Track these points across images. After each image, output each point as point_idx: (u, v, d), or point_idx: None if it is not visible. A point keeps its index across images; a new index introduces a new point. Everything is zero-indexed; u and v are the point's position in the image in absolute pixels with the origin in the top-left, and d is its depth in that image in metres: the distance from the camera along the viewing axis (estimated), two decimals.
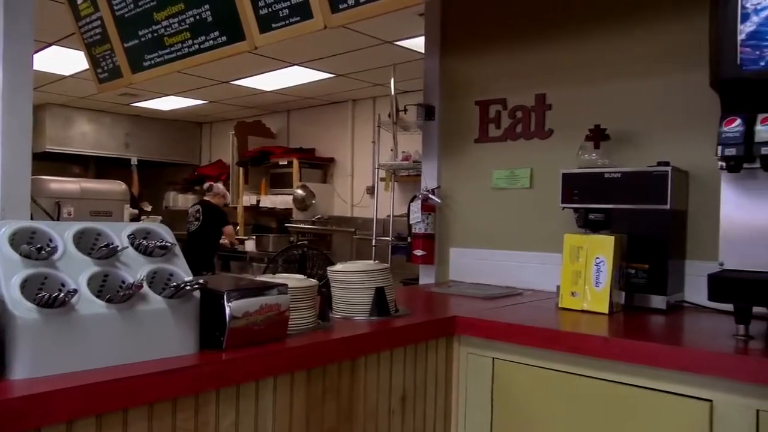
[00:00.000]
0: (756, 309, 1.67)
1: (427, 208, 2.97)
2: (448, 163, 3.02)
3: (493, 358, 1.88)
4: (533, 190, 2.71)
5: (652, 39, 2.37)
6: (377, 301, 1.85)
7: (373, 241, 3.96)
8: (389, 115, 3.36)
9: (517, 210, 2.75)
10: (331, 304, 1.88)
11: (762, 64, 1.57)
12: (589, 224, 2.19)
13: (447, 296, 2.52)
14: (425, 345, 1.88)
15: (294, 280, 1.65)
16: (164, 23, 2.99)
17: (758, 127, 1.61)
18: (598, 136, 2.36)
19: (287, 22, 2.52)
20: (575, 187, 2.26)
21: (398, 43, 5.07)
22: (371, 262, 1.98)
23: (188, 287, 1.34)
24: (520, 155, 2.75)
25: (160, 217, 7.81)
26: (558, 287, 2.14)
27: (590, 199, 2.22)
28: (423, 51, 3.17)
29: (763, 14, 1.55)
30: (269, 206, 7.76)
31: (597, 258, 2.05)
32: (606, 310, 2.01)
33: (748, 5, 1.57)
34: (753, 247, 1.74)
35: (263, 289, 1.46)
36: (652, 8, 2.37)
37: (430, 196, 2.96)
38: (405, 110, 3.37)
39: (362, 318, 1.84)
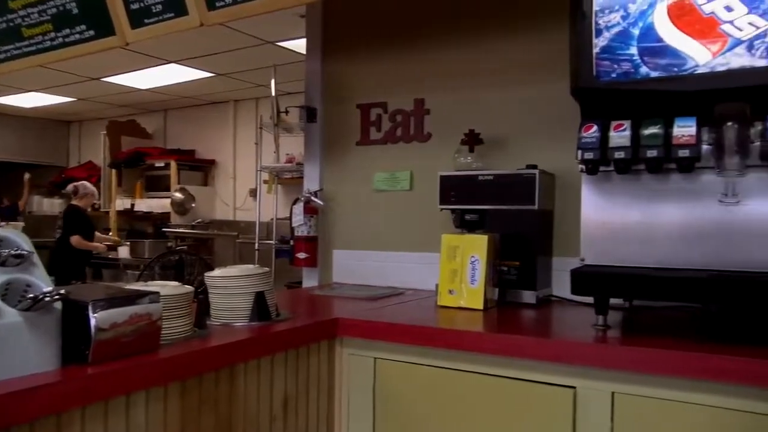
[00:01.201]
0: (613, 300, 1.82)
1: (310, 210, 2.95)
2: (330, 165, 3.03)
3: (375, 358, 1.91)
4: (413, 192, 2.78)
5: (523, 49, 2.50)
6: (257, 306, 1.81)
7: (256, 244, 3.89)
8: (271, 117, 3.32)
9: (398, 211, 2.81)
10: (208, 311, 1.82)
11: (614, 75, 1.71)
12: (465, 224, 2.28)
13: (329, 298, 2.53)
14: (307, 348, 1.87)
15: (168, 287, 1.58)
16: (21, 13, 2.76)
17: (611, 134, 1.76)
18: (472, 140, 2.46)
19: (161, 18, 2.42)
20: (452, 189, 2.34)
21: (280, 43, 5.02)
22: (250, 266, 1.94)
23: (47, 298, 1.24)
24: (401, 158, 2.81)
25: (22, 224, 7.21)
26: (437, 286, 2.21)
27: (466, 200, 2.31)
28: (305, 53, 3.16)
29: (614, 30, 1.69)
30: (145, 210, 7.41)
31: (472, 257, 2.13)
32: (481, 307, 2.10)
33: (600, 22, 1.71)
34: (610, 244, 1.89)
35: (133, 298, 1.38)
36: (525, 21, 2.51)
37: (312, 198, 2.95)
38: (287, 112, 3.34)
39: (242, 324, 1.80)
